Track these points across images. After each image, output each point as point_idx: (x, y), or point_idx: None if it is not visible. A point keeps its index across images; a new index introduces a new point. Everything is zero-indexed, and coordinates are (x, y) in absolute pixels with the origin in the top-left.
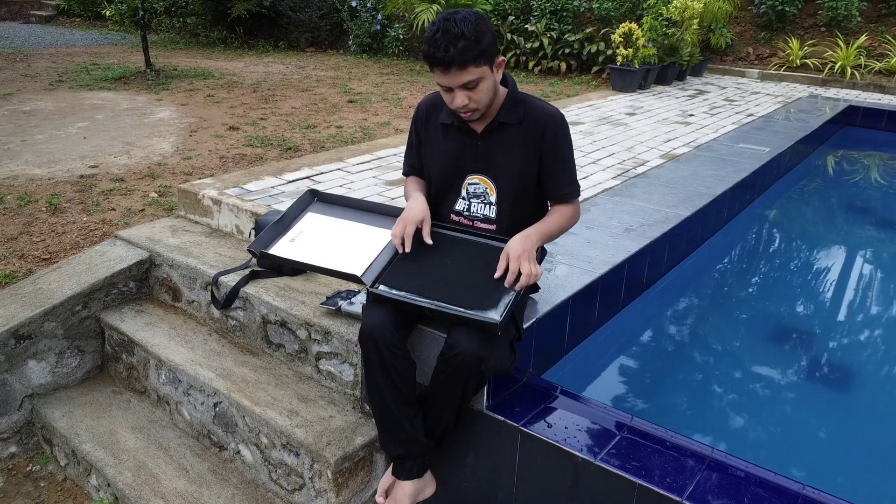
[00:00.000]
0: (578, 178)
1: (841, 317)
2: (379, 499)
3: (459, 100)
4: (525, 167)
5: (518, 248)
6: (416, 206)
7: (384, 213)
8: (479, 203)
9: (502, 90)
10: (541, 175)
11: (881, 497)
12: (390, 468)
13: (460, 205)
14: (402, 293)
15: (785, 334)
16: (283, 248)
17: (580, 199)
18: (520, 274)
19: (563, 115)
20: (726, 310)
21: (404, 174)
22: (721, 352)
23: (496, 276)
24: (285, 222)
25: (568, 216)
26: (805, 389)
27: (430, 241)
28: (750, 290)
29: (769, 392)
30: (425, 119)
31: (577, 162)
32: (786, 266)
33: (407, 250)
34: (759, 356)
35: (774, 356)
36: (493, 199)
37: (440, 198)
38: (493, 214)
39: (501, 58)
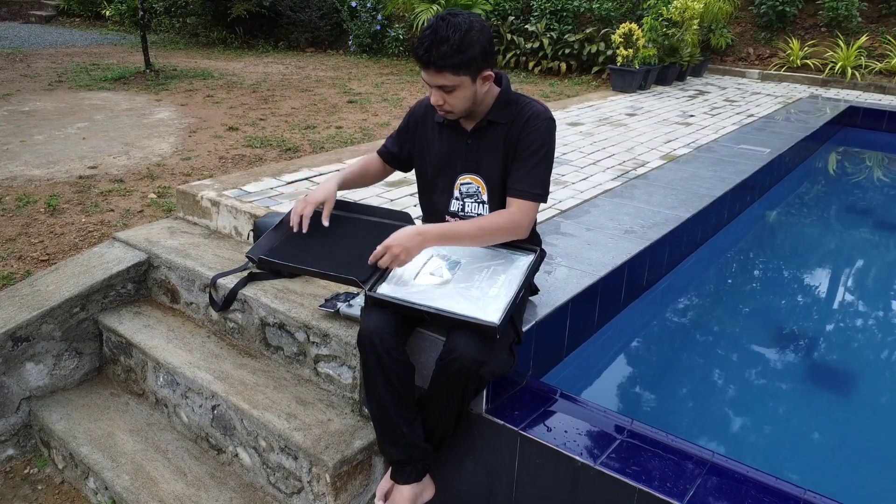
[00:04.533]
0: (575, 180)
1: (842, 319)
2: (378, 502)
3: (434, 98)
4: (507, 166)
5: (399, 239)
6: (322, 188)
7: (384, 217)
8: (472, 202)
9: (495, 89)
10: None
11: (883, 501)
12: (389, 472)
13: (454, 205)
14: (399, 296)
15: (786, 336)
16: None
17: (541, 209)
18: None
19: (549, 116)
20: (727, 311)
21: (377, 152)
22: (722, 354)
23: (370, 260)
24: (284, 227)
25: (504, 220)
26: (807, 392)
27: (326, 224)
28: (751, 291)
29: (770, 395)
30: (422, 117)
31: (577, 162)
32: (787, 268)
33: (303, 230)
34: (761, 359)
35: (776, 358)
36: (485, 197)
37: (435, 199)
38: (487, 213)
39: (488, 72)
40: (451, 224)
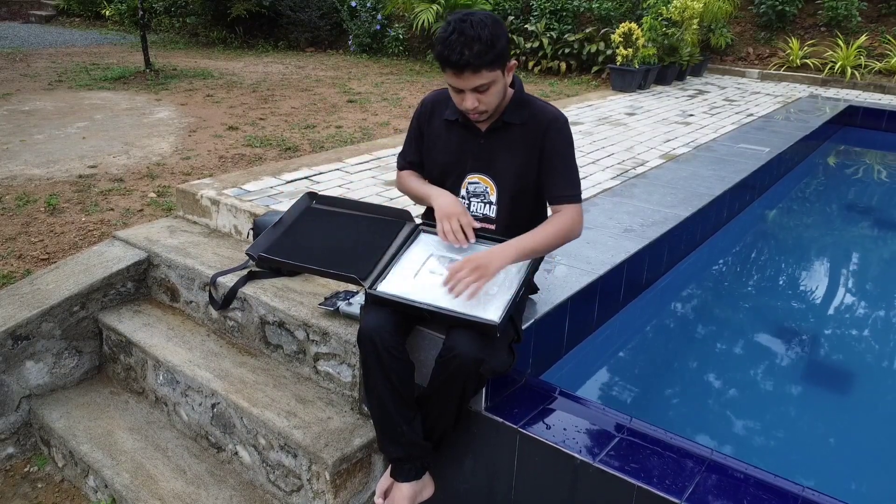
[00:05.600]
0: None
1: (841, 318)
2: (377, 500)
3: (469, 102)
4: (525, 167)
5: (482, 259)
6: (450, 200)
7: (383, 214)
8: (478, 202)
9: (509, 90)
10: (541, 176)
11: (881, 499)
12: (388, 470)
13: None
14: (399, 295)
15: (785, 335)
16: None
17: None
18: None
19: (566, 118)
20: (726, 310)
21: (399, 168)
22: (721, 352)
23: (444, 281)
24: (283, 225)
25: (564, 224)
26: (805, 391)
27: (472, 238)
28: (750, 290)
29: (769, 393)
30: (430, 115)
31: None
32: (786, 267)
33: (471, 240)
34: (760, 357)
35: (775, 357)
36: (493, 198)
37: None
38: (492, 214)
39: (513, 61)
40: (525, 237)
